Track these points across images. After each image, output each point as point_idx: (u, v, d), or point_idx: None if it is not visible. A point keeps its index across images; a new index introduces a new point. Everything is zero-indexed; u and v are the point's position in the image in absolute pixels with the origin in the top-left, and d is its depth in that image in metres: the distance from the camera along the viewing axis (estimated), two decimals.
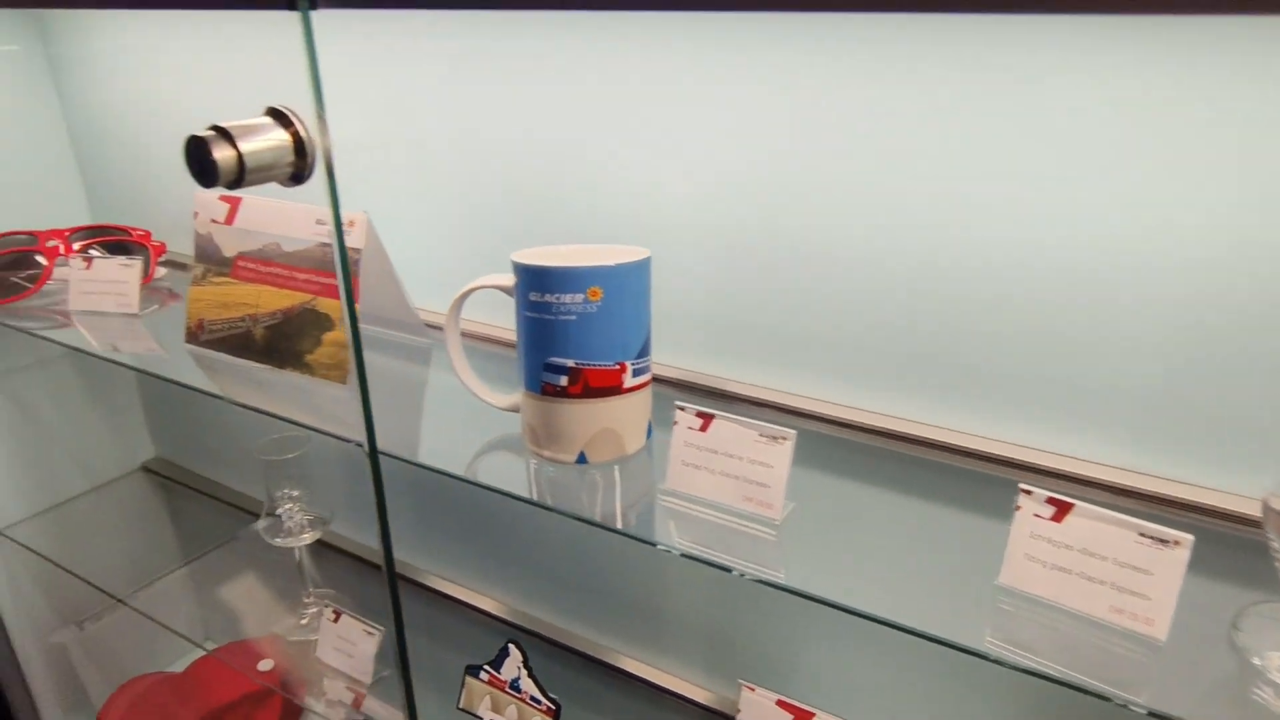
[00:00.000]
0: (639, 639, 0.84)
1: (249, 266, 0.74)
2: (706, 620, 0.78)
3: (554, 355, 0.55)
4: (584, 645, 0.85)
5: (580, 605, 0.86)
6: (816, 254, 0.60)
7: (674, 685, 0.81)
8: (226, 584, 1.18)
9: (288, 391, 0.71)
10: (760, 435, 0.50)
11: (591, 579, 0.84)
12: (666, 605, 0.80)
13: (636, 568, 0.80)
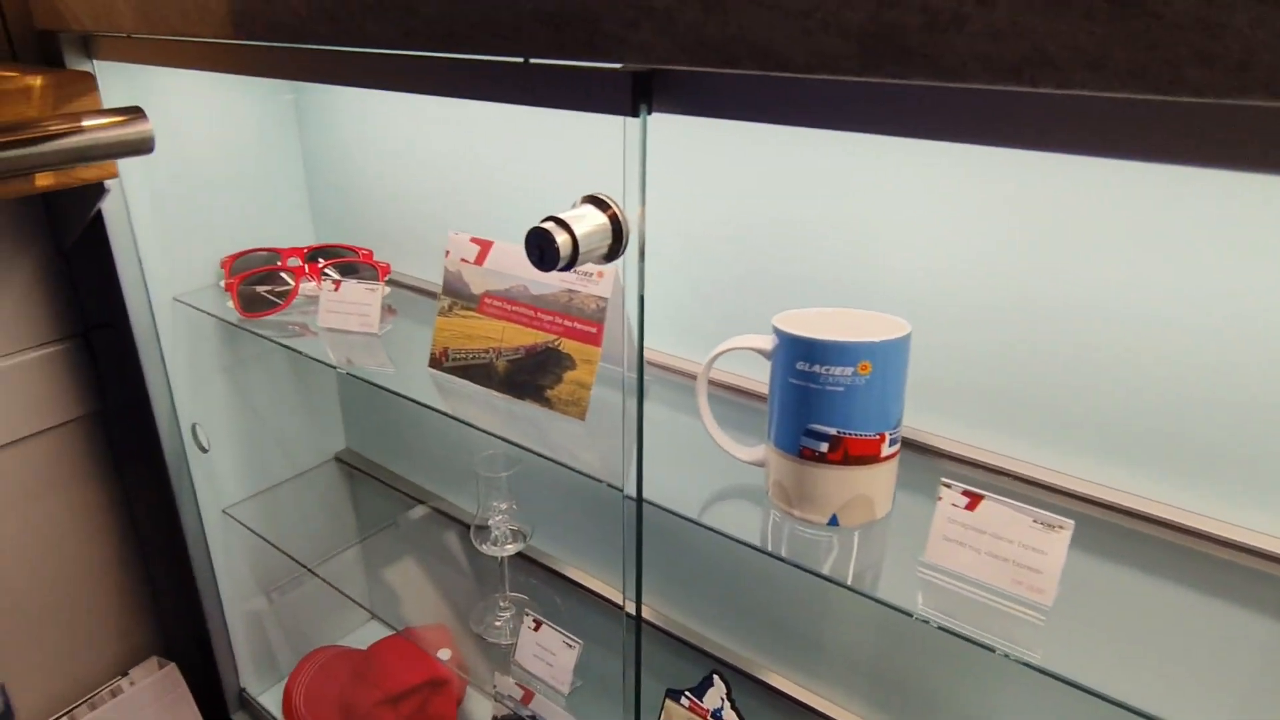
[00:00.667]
0: (840, 684, 0.86)
1: (495, 304, 0.80)
2: (902, 671, 0.79)
3: (817, 423, 0.57)
4: (772, 677, 0.88)
5: (790, 651, 0.88)
6: (1083, 335, 0.61)
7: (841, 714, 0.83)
8: (403, 570, 1.27)
9: (523, 423, 0.76)
10: (1036, 523, 0.51)
11: (803, 626, 0.86)
12: (887, 667, 0.81)
13: (853, 620, 0.82)
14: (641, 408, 0.58)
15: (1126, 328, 0.59)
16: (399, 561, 1.32)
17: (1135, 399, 0.60)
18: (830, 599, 0.83)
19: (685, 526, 0.89)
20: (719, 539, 0.85)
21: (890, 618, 0.78)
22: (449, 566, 1.23)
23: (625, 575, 0.69)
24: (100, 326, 1.08)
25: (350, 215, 1.15)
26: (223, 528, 1.21)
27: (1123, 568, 0.57)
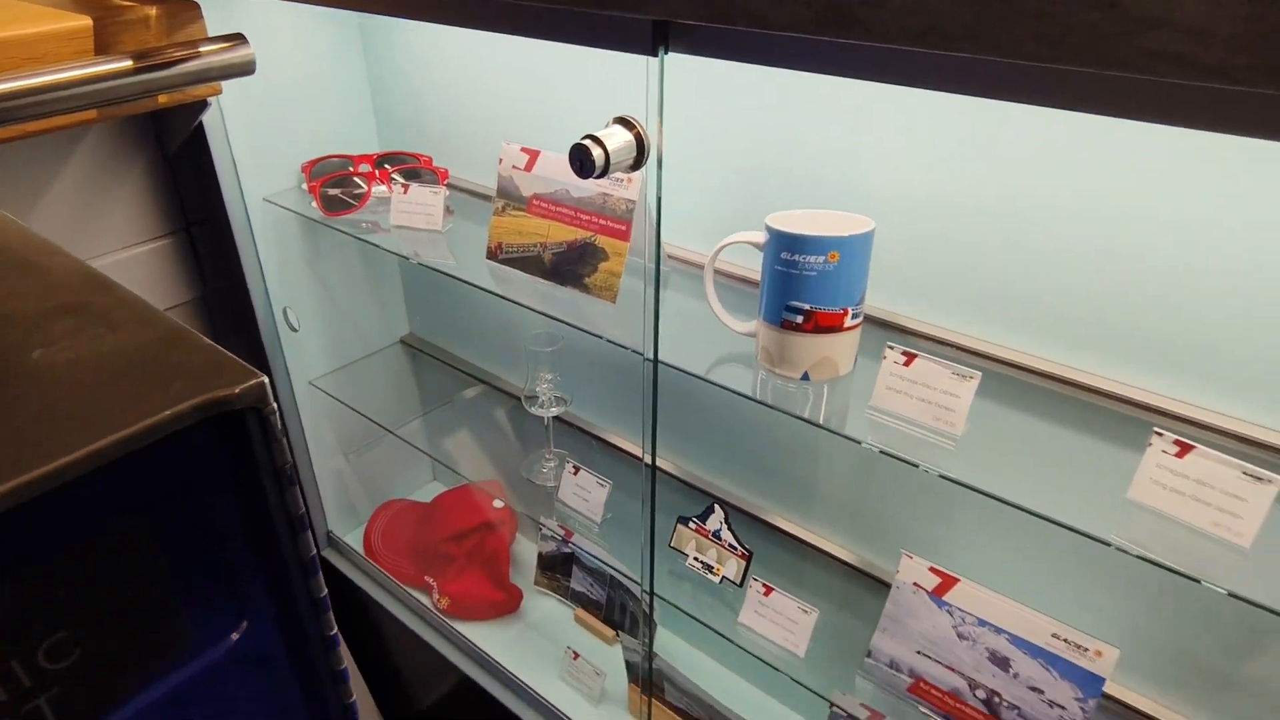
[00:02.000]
0: (815, 515, 1.05)
1: (542, 205, 0.95)
2: (875, 507, 0.98)
3: (795, 300, 0.73)
4: (769, 515, 1.08)
5: (770, 484, 1.08)
6: (1012, 229, 0.75)
7: (840, 553, 1.02)
8: (463, 436, 1.49)
9: (565, 305, 0.93)
10: (953, 374, 0.67)
11: (784, 465, 1.05)
12: (847, 494, 1.00)
13: (826, 460, 1.00)
14: (658, 287, 0.75)
15: (1043, 224, 0.73)
16: (459, 429, 1.54)
17: (1041, 281, 0.74)
18: (806, 443, 1.00)
19: (695, 391, 1.07)
20: (721, 400, 1.04)
21: (852, 454, 0.96)
22: (501, 433, 1.43)
23: (644, 428, 0.87)
24: (199, 223, 1.25)
25: (411, 126, 1.29)
26: (309, 397, 1.42)
27: (1020, 412, 0.74)
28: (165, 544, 0.42)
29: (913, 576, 0.84)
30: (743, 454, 1.09)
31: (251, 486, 0.43)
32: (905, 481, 0.93)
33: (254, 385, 0.41)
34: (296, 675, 0.49)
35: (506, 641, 1.34)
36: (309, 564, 0.46)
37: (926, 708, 0.83)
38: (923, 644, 0.83)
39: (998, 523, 0.87)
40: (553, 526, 1.38)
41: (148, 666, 0.43)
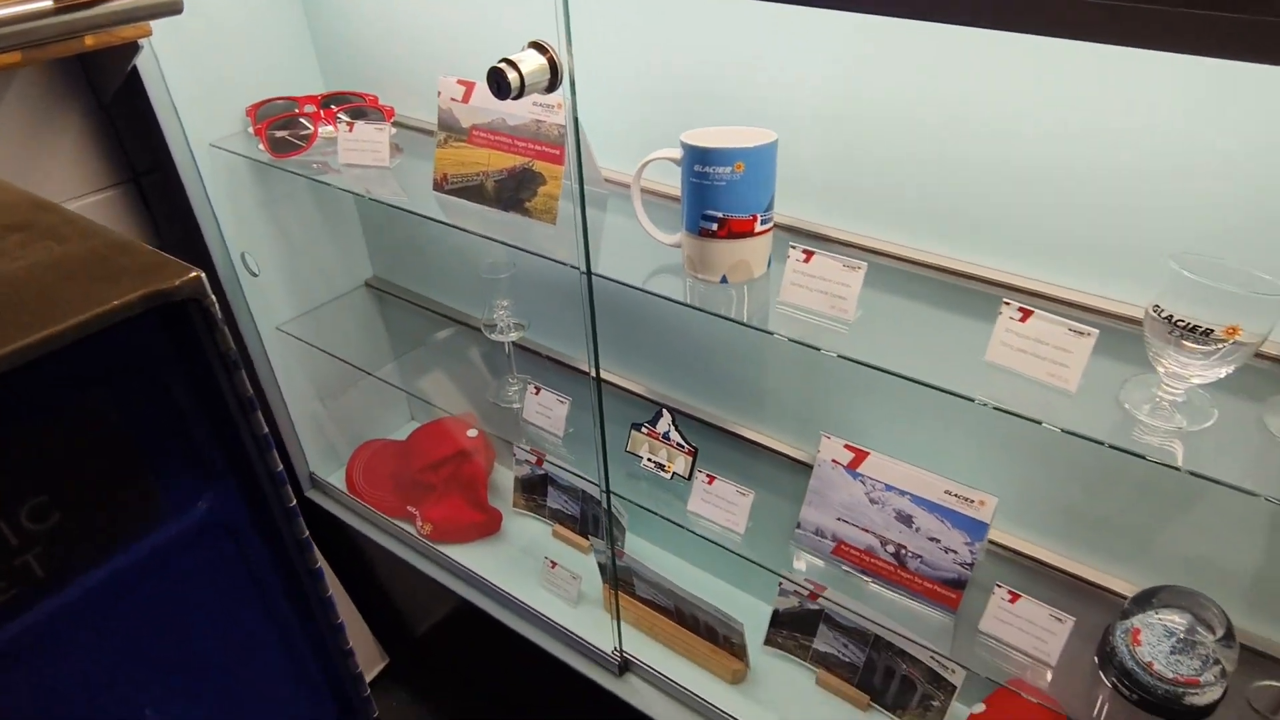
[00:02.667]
0: (749, 412, 1.19)
1: (482, 135, 1.06)
2: (797, 397, 1.11)
3: (709, 209, 0.85)
4: (711, 417, 1.21)
5: (710, 388, 1.21)
6: (894, 141, 0.86)
7: (772, 444, 1.16)
8: (433, 374, 1.61)
9: (510, 228, 1.04)
10: (843, 266, 0.80)
11: (720, 369, 1.18)
12: (770, 387, 1.14)
13: (751, 358, 1.13)
14: (583, 203, 0.86)
15: (917, 136, 0.84)
16: (430, 366, 1.66)
17: (915, 185, 0.86)
18: (735, 344, 1.13)
19: (637, 310, 1.19)
20: (658, 315, 1.16)
21: (775, 350, 1.08)
22: (470, 365, 1.55)
23: (586, 337, 0.99)
24: (147, 173, 1.34)
25: (354, 66, 1.37)
26: (278, 342, 1.54)
27: (901, 298, 0.87)
28: (129, 420, 0.52)
29: (831, 454, 0.98)
30: (684, 362, 1.22)
31: (201, 370, 0.54)
32: (819, 370, 1.06)
33: (193, 279, 0.52)
34: (264, 542, 0.61)
35: (489, 559, 1.49)
36: (263, 441, 0.58)
37: (848, 566, 0.98)
38: (842, 512, 0.97)
39: (897, 399, 1.00)
40: (524, 451, 1.52)
41: (125, 530, 0.54)
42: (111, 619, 0.52)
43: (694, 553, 1.43)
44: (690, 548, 1.43)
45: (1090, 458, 0.90)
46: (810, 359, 1.06)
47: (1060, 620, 0.84)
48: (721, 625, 1.21)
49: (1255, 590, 0.86)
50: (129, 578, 0.53)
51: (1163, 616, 0.82)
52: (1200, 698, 0.79)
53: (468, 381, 1.53)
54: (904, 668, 1.16)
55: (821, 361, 1.04)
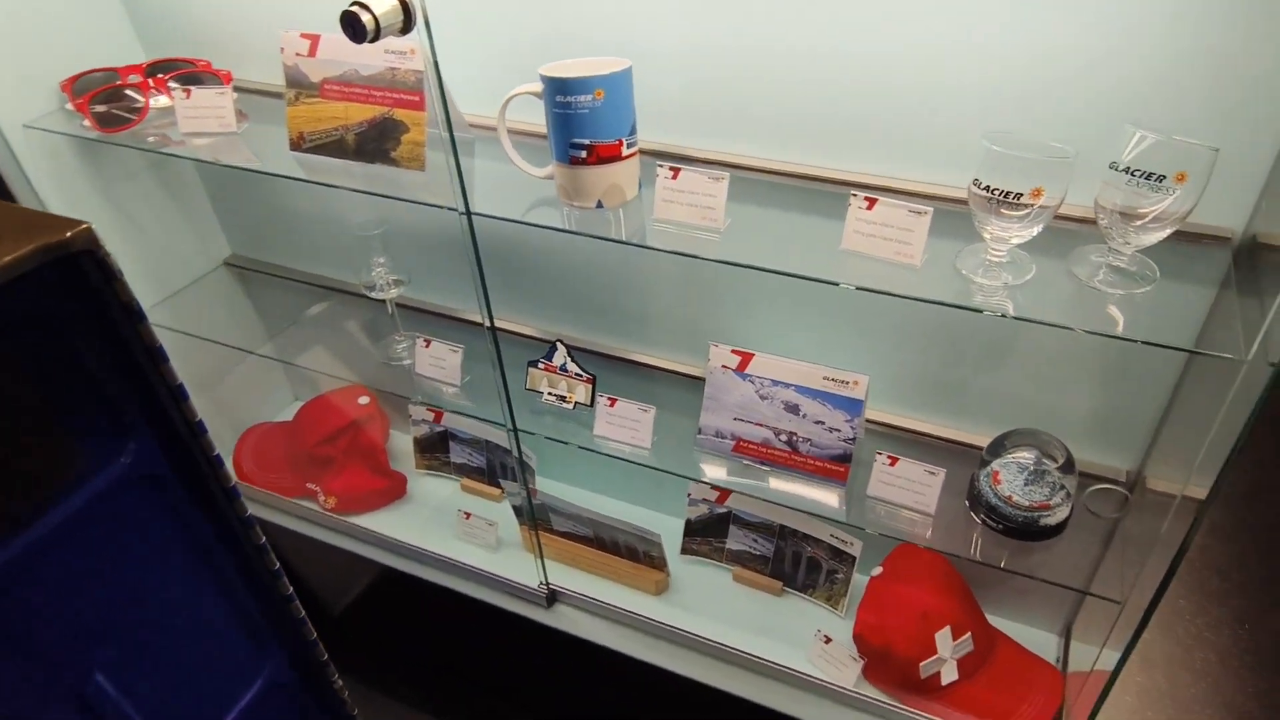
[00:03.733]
0: (640, 336, 1.26)
1: (335, 88, 1.06)
2: (683, 315, 1.20)
3: (575, 137, 0.90)
4: (604, 347, 1.28)
5: (600, 320, 1.28)
6: (750, 59, 0.94)
7: (665, 364, 1.25)
8: (320, 346, 1.59)
9: (378, 181, 1.06)
10: (708, 178, 0.87)
11: (607, 299, 1.24)
12: (656, 309, 1.22)
13: (635, 284, 1.20)
14: (453, 141, 0.89)
15: (766, 60, 0.92)
16: (310, 341, 1.63)
17: (765, 103, 0.95)
18: (616, 270, 1.20)
19: (516, 247, 1.23)
20: (541, 254, 1.21)
21: (654, 268, 1.16)
22: (352, 333, 1.55)
23: (476, 285, 1.03)
24: None
25: (179, 31, 1.31)
26: None
27: (768, 207, 0.96)
28: (37, 379, 0.52)
29: (720, 361, 1.07)
30: (570, 298, 1.27)
31: (105, 322, 0.55)
32: (700, 285, 1.15)
33: (84, 229, 0.53)
34: (191, 493, 0.64)
35: (401, 523, 1.52)
36: (176, 391, 0.60)
37: (749, 460, 1.09)
38: (737, 411, 1.07)
39: (773, 303, 1.11)
40: (421, 410, 1.54)
41: (50, 486, 0.55)
42: (47, 581, 0.54)
43: (605, 483, 1.51)
44: (601, 478, 1.51)
45: (940, 328, 1.03)
46: (690, 274, 1.14)
47: (934, 473, 0.98)
48: (640, 542, 1.31)
49: (1084, 422, 1.03)
50: (59, 536, 0.54)
51: (1015, 456, 0.97)
52: (1052, 518, 0.94)
53: (353, 348, 1.53)
54: (808, 550, 1.29)
55: (701, 275, 1.13)
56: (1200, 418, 0.79)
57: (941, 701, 1.12)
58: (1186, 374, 0.94)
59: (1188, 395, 0.94)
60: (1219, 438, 0.73)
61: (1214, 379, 0.84)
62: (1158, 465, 0.99)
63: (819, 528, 1.25)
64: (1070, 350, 0.98)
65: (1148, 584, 0.86)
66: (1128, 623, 0.89)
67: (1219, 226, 0.82)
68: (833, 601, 1.31)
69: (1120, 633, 0.91)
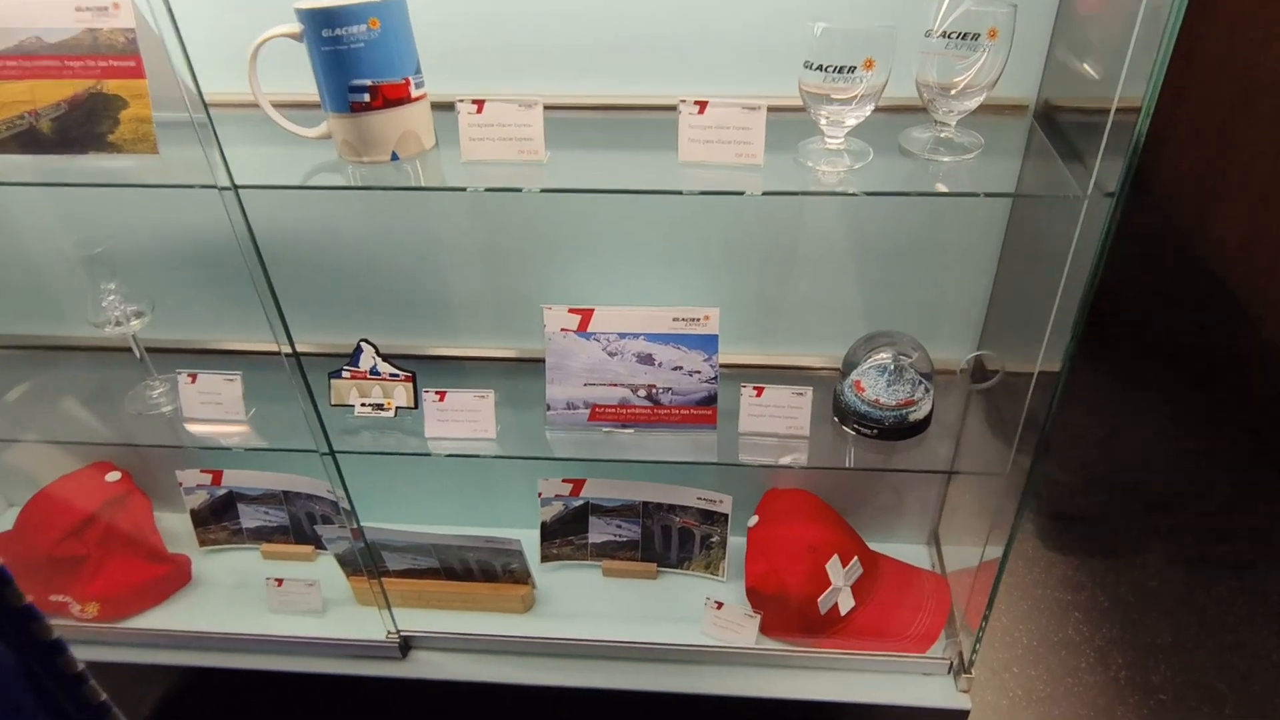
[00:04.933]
0: (454, 327, 1.15)
1: (13, 64, 0.85)
2: (505, 291, 1.11)
3: (355, 78, 0.79)
4: (415, 348, 1.15)
5: (406, 316, 1.15)
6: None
7: (492, 351, 1.15)
8: (41, 419, 1.29)
9: (94, 174, 0.87)
10: (519, 106, 0.80)
11: (414, 290, 1.12)
12: (474, 291, 1.11)
13: (444, 265, 1.09)
14: (203, 102, 0.74)
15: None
16: (22, 417, 1.32)
17: (566, 37, 0.90)
18: (417, 251, 1.08)
19: (294, 244, 1.07)
20: (325, 247, 1.06)
21: (463, 242, 1.06)
22: (84, 390, 1.27)
23: (253, 272, 0.87)
24: None
25: None
26: None
27: (589, 147, 0.91)
28: None
29: (557, 324, 0.99)
30: (368, 297, 1.13)
31: None
32: (522, 247, 1.06)
33: None
34: None
35: (193, 611, 1.27)
36: None
37: (609, 425, 1.02)
38: (586, 376, 1.00)
39: (603, 248, 1.05)
40: (193, 476, 1.31)
41: None
42: None
43: (439, 513, 1.36)
44: (433, 508, 1.36)
45: (781, 245, 1.03)
46: (508, 237, 1.05)
47: (801, 394, 0.97)
48: (496, 556, 1.19)
49: (925, 315, 1.07)
50: None
51: (873, 359, 0.99)
52: (918, 412, 0.97)
53: (88, 411, 1.26)
54: (677, 521, 1.25)
55: (519, 236, 1.05)
56: (1031, 293, 0.85)
57: (844, 633, 1.12)
58: (1006, 249, 1.01)
59: (1011, 273, 1.01)
60: (1069, 288, 0.78)
61: (1038, 242, 0.91)
62: (996, 348, 1.06)
63: (683, 494, 1.21)
64: (904, 244, 1.02)
65: (1023, 458, 0.91)
66: (1010, 497, 0.93)
67: (1017, 98, 0.89)
68: (712, 568, 1.27)
69: (1005, 512, 0.95)
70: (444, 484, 1.33)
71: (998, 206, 0.97)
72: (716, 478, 1.26)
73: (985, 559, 1.02)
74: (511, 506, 1.33)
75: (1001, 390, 1.00)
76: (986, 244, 1.01)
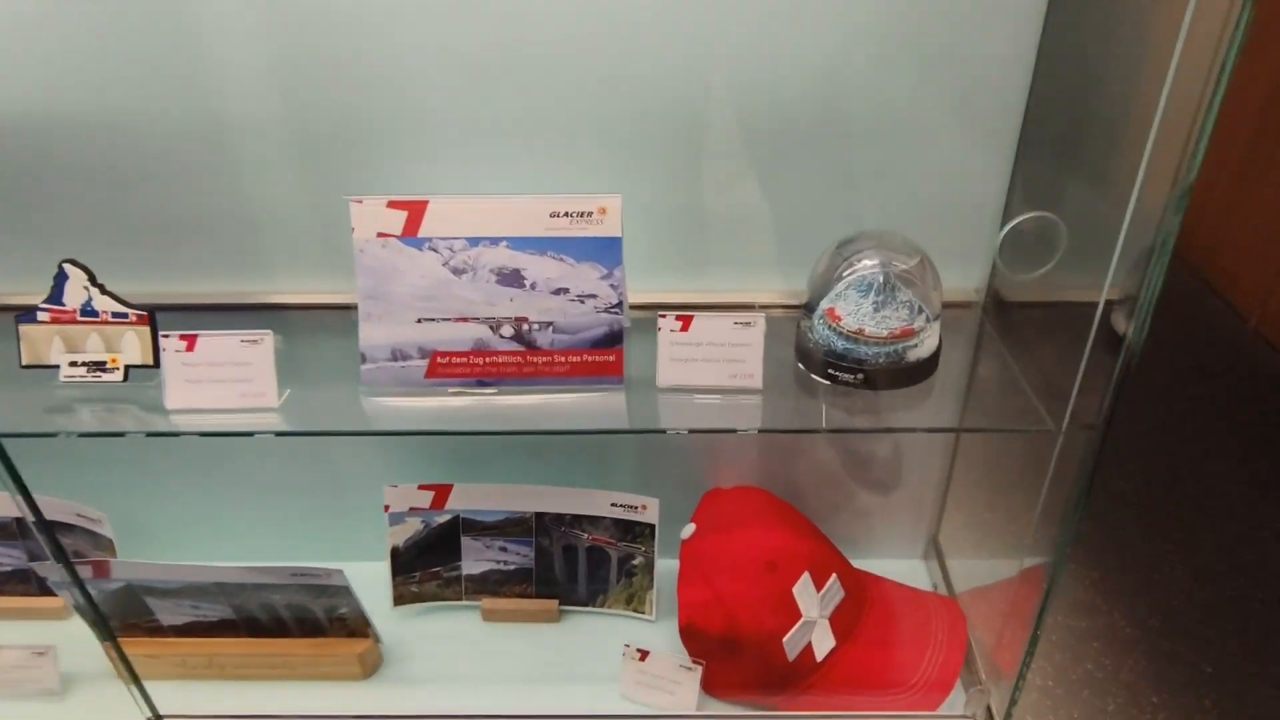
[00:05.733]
0: (250, 265, 0.80)
1: None
2: (293, 201, 0.77)
3: None
4: (150, 283, 0.80)
5: (128, 245, 0.79)
6: None
7: (304, 298, 0.80)
8: None
9: None
10: None
11: (191, 208, 0.77)
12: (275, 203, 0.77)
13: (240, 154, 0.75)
14: None
15: None
16: None
17: None
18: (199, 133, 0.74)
19: None
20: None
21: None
22: None
23: None
24: None
25: None
26: None
27: None
28: None
29: (372, 226, 0.66)
30: (104, 217, 0.78)
31: None
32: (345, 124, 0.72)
33: None
34: None
35: None
36: None
37: (456, 385, 0.68)
38: (419, 309, 0.66)
39: (434, 106, 0.72)
40: None
41: None
42: None
43: (230, 546, 0.99)
44: (225, 537, 0.99)
45: (698, 114, 0.71)
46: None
47: (749, 324, 0.65)
48: (313, 596, 0.83)
49: (927, 221, 0.77)
50: None
51: (853, 272, 0.67)
52: (920, 347, 0.66)
53: None
54: (584, 537, 0.91)
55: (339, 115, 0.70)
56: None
57: (823, 686, 0.79)
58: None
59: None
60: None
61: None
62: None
63: (592, 500, 0.88)
64: (900, 113, 0.71)
65: (1086, 404, 0.60)
66: (1066, 466, 0.62)
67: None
68: (636, 603, 0.94)
69: (1056, 495, 0.65)
70: (264, 498, 0.97)
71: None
72: (637, 475, 0.93)
73: (1026, 566, 0.71)
74: (339, 529, 0.97)
75: (1053, 316, 0.69)
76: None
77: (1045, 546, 0.67)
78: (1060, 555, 0.65)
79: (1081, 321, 0.60)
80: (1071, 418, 0.60)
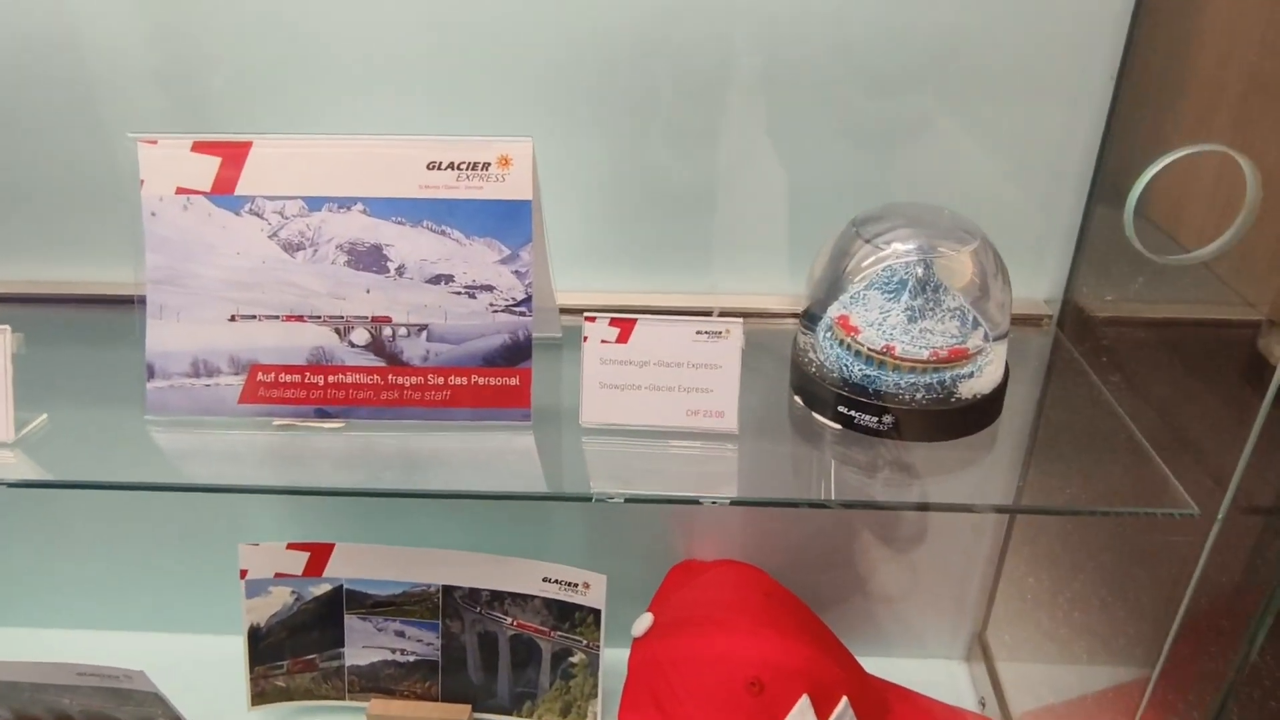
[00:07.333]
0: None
1: None
2: None
3: None
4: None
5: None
6: None
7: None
8: None
9: None
10: None
11: None
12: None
13: None
14: None
15: None
16: None
17: None
18: None
19: None
20: None
21: None
22: None
23: None
24: None
25: None
26: None
27: None
28: None
29: (170, 178, 0.47)
30: None
31: None
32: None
33: None
34: None
35: None
36: None
37: (284, 413, 0.48)
38: (233, 300, 0.47)
39: (326, 41, 0.54)
40: None
41: None
42: None
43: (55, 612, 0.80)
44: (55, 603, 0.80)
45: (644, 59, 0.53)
46: None
47: (720, 335, 0.45)
48: (116, 703, 0.63)
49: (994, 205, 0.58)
50: None
51: (881, 260, 0.48)
52: (978, 379, 0.47)
53: None
54: (509, 622, 0.71)
55: None
56: None
57: None
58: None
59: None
60: None
61: None
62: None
63: (520, 572, 0.69)
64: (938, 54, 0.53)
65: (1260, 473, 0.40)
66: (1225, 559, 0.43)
67: None
68: (575, 716, 0.74)
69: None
70: (75, 553, 0.78)
71: None
72: (581, 540, 0.74)
73: (1152, 695, 0.50)
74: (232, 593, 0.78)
75: (1174, 339, 0.50)
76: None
77: (1148, 654, 0.48)
78: (1230, 689, 0.45)
79: (1231, 348, 0.41)
80: (1234, 499, 0.40)
